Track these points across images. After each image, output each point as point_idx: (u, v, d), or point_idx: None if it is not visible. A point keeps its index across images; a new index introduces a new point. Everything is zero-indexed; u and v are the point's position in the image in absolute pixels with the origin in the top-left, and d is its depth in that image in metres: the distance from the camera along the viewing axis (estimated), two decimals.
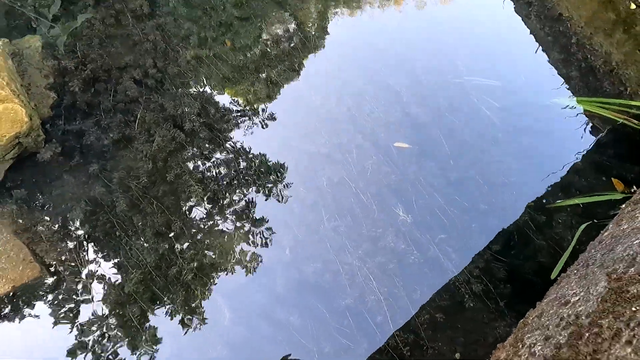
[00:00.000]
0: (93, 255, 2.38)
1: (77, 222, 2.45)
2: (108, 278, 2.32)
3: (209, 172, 2.73)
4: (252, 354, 2.16)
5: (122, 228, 2.44)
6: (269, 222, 2.57)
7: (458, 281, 2.35)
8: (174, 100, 2.92)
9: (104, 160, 2.66)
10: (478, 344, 2.17)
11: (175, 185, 2.61)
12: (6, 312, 2.20)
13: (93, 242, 2.41)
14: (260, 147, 2.86)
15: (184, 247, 2.43)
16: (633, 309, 1.14)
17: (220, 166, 2.76)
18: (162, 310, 2.25)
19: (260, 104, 3.07)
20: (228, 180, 2.70)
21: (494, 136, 2.93)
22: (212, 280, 2.35)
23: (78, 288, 2.28)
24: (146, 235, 2.42)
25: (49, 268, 2.31)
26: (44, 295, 2.25)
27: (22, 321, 2.19)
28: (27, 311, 2.22)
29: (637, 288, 1.18)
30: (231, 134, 2.90)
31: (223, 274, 2.38)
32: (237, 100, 3.08)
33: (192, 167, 2.72)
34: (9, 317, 2.19)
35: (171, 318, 2.23)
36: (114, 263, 2.37)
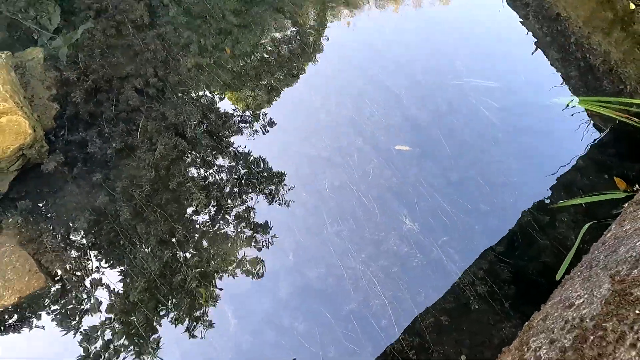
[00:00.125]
0: (98, 264, 2.40)
1: (82, 232, 2.47)
2: (113, 287, 2.33)
3: (211, 178, 2.74)
4: (257, 359, 2.17)
5: (126, 236, 2.45)
6: (271, 228, 2.58)
7: (462, 283, 2.35)
8: (175, 109, 2.94)
9: (107, 170, 2.68)
10: (484, 346, 2.17)
11: (178, 192, 2.62)
12: (12, 322, 2.22)
13: (97, 251, 2.43)
14: (261, 152, 2.87)
15: (187, 254, 2.44)
16: (637, 311, 1.14)
17: (222, 172, 2.78)
18: (167, 318, 2.26)
19: (260, 109, 3.09)
20: (230, 186, 2.72)
21: (494, 136, 2.93)
22: (216, 286, 2.36)
23: (83, 297, 2.30)
24: (150, 243, 2.43)
25: (54, 278, 2.33)
26: (49, 305, 2.27)
27: (29, 331, 2.21)
28: (33, 321, 2.23)
29: None
30: (232, 140, 2.91)
31: (227, 280, 2.39)
32: (237, 107, 3.10)
33: (194, 175, 2.73)
34: (15, 328, 2.21)
35: (176, 325, 2.24)
36: (118, 271, 2.38)
